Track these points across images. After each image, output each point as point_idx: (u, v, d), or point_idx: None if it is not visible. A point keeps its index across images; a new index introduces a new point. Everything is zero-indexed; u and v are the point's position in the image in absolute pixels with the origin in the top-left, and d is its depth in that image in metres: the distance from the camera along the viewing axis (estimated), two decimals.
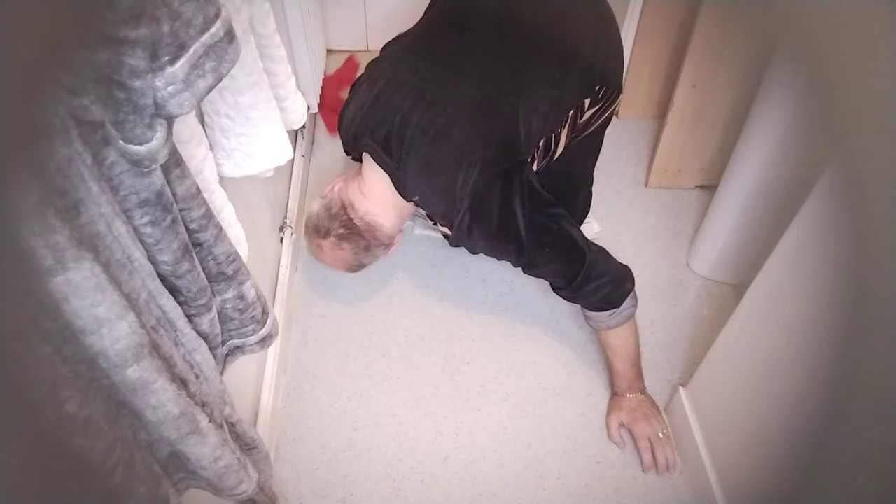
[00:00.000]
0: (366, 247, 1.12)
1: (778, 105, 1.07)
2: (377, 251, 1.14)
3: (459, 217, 1.02)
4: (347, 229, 1.09)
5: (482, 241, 1.05)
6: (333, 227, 1.09)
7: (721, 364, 1.03)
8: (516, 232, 1.02)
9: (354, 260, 1.14)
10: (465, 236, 1.04)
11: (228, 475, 0.64)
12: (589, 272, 1.06)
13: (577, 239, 1.05)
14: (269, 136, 0.83)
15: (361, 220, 1.09)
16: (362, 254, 1.13)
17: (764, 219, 1.20)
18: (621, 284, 1.10)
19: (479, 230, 1.03)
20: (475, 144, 1.00)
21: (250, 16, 0.78)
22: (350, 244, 1.11)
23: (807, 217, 0.78)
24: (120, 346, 0.46)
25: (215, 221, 0.62)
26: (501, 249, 1.06)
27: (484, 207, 1.01)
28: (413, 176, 1.02)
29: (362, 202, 1.09)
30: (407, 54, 1.07)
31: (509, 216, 1.01)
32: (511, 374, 1.27)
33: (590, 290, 1.08)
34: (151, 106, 0.45)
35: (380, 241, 1.12)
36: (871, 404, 0.54)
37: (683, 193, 1.54)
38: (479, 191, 1.00)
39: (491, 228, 1.02)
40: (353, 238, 1.10)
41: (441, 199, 1.03)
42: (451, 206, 1.02)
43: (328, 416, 1.21)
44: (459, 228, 1.03)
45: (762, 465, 0.90)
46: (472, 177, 0.99)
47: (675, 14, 1.41)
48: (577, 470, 1.15)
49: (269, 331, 0.76)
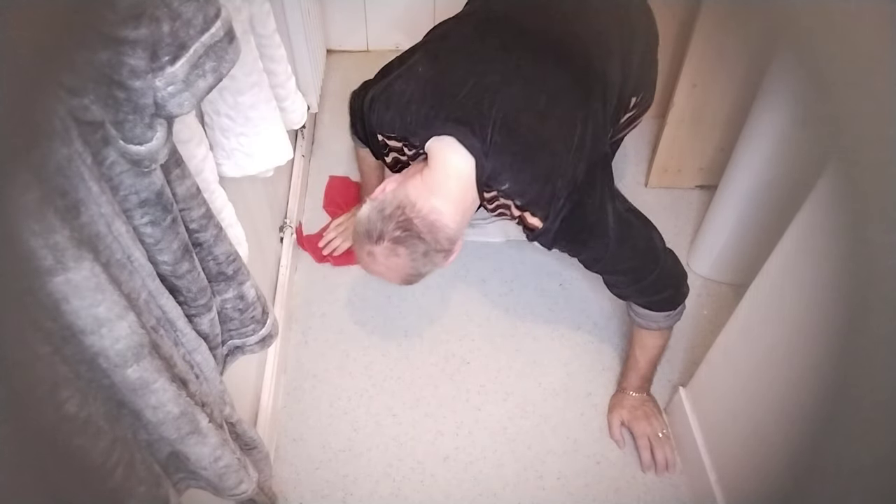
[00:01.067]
0: (425, 252, 0.94)
1: (778, 105, 1.07)
2: (437, 258, 0.96)
3: (558, 208, 0.94)
4: (405, 231, 0.92)
5: (573, 235, 0.98)
6: (388, 230, 0.92)
7: (721, 364, 1.03)
8: (605, 226, 0.97)
9: (412, 268, 0.96)
10: (557, 229, 0.96)
11: (228, 475, 0.64)
12: (662, 272, 1.04)
13: (655, 238, 1.04)
14: (269, 136, 0.83)
15: (424, 219, 0.92)
16: (420, 261, 0.95)
17: (764, 219, 1.20)
18: (682, 286, 1.08)
19: (574, 223, 0.96)
20: (575, 128, 0.94)
21: (250, 16, 0.78)
22: (407, 249, 0.93)
23: (807, 217, 0.78)
24: (120, 346, 0.46)
25: (215, 221, 0.62)
26: (588, 244, 1.00)
27: (582, 199, 0.94)
28: (508, 161, 0.93)
29: (427, 199, 0.93)
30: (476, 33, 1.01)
31: (602, 210, 0.96)
32: (511, 374, 1.27)
33: (655, 289, 1.05)
34: (151, 106, 0.45)
35: (441, 246, 0.95)
36: (871, 404, 0.54)
37: (683, 193, 1.54)
38: (579, 180, 0.93)
39: (586, 221, 0.96)
40: (411, 242, 0.93)
41: (540, 187, 0.93)
42: (551, 195, 0.93)
43: (328, 416, 1.21)
44: (555, 220, 0.94)
45: (762, 465, 0.90)
46: (573, 163, 0.93)
47: (675, 14, 1.40)
48: (577, 470, 1.15)
49: (269, 331, 0.76)
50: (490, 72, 0.95)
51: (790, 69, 1.02)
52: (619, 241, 0.98)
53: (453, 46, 1.01)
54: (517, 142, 0.92)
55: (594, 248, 0.99)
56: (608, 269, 1.05)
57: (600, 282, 1.39)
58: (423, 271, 0.99)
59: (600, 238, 0.98)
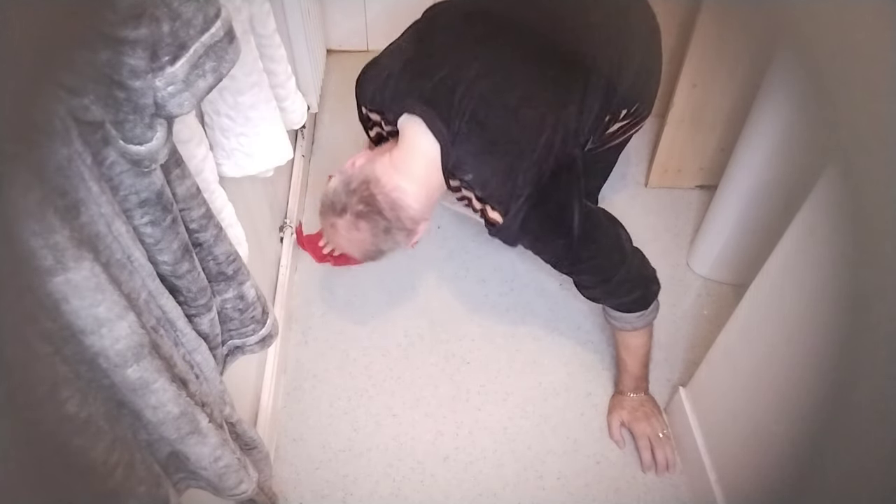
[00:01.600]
0: (386, 228, 0.96)
1: (778, 105, 1.07)
2: (398, 236, 0.98)
3: (518, 205, 0.94)
4: (367, 206, 0.94)
5: (533, 233, 0.98)
6: (351, 204, 0.94)
7: (721, 364, 1.03)
8: (570, 226, 0.96)
9: (372, 244, 0.98)
10: (518, 227, 0.96)
11: (228, 475, 0.64)
12: (630, 272, 1.04)
13: (622, 237, 1.04)
14: (269, 136, 0.83)
15: (386, 196, 0.94)
16: (381, 237, 0.97)
17: (764, 219, 1.20)
18: (652, 285, 1.08)
19: (536, 222, 0.96)
20: (545, 128, 0.94)
21: (250, 16, 0.78)
22: (368, 224, 0.95)
23: (807, 217, 0.78)
24: (120, 346, 0.46)
25: (215, 221, 0.62)
26: (549, 243, 1.00)
27: (545, 198, 0.95)
28: (472, 152, 0.94)
29: (392, 177, 0.94)
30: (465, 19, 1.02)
31: (568, 209, 0.96)
32: (511, 374, 1.27)
33: (624, 290, 1.05)
34: (151, 106, 0.45)
35: (403, 225, 0.97)
36: (870, 404, 0.54)
37: (683, 193, 1.54)
38: (544, 179, 0.94)
39: (548, 220, 0.97)
40: (373, 217, 0.95)
41: (501, 182, 0.94)
42: (511, 191, 0.94)
43: (328, 416, 1.21)
44: (515, 217, 0.95)
45: (762, 465, 0.90)
46: (538, 163, 0.93)
47: (675, 14, 1.40)
48: (577, 470, 1.15)
49: (269, 331, 0.76)
50: (469, 60, 0.95)
51: (790, 69, 1.02)
52: (584, 239, 0.98)
53: (439, 29, 1.02)
54: (482, 135, 0.93)
55: (556, 247, 1.00)
56: (574, 270, 1.05)
57: None
58: (384, 248, 1.00)
59: (563, 238, 0.98)
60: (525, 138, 0.94)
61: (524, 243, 1.01)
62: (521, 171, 0.93)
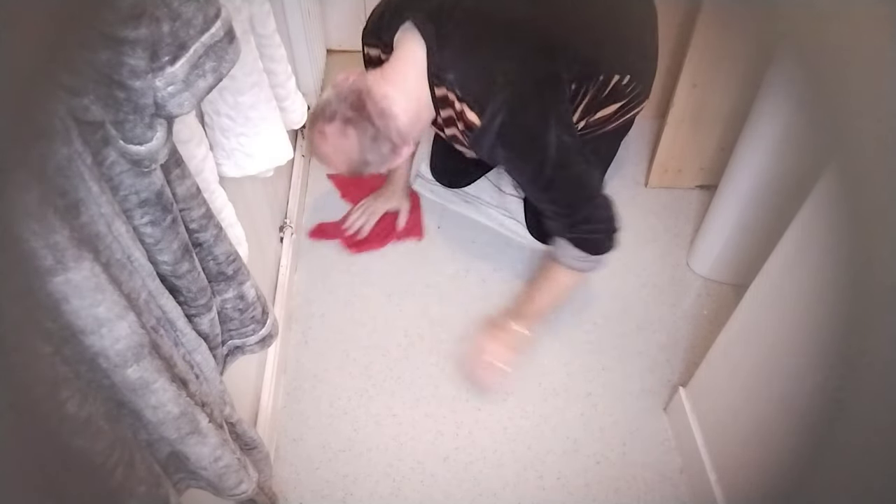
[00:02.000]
0: (373, 136, 1.00)
1: (778, 105, 1.07)
2: (384, 148, 1.02)
3: (496, 105, 0.96)
4: (356, 111, 0.98)
5: (509, 144, 1.00)
6: (341, 110, 0.98)
7: (721, 364, 1.03)
8: (545, 144, 0.98)
9: (358, 152, 1.01)
10: (495, 133, 0.98)
11: (228, 475, 0.64)
12: (595, 211, 1.05)
13: (595, 178, 1.06)
14: (269, 136, 0.83)
15: (375, 105, 0.99)
16: (368, 145, 1.00)
17: (764, 219, 1.20)
18: (614, 235, 1.09)
19: (513, 131, 0.98)
20: (525, 33, 0.98)
21: (250, 16, 0.78)
22: (356, 130, 0.99)
23: (807, 217, 0.78)
24: (120, 346, 0.46)
25: (215, 221, 0.62)
26: (524, 159, 1.01)
27: (523, 106, 0.97)
28: (454, 52, 0.98)
29: (382, 86, 1.00)
30: None
31: (544, 126, 0.97)
32: (511, 374, 1.27)
33: (585, 230, 1.07)
34: (151, 106, 0.45)
35: (389, 135, 1.01)
36: (871, 404, 0.54)
37: (683, 193, 1.54)
38: (523, 84, 0.96)
39: (524, 132, 0.98)
40: (361, 124, 0.99)
41: (479, 77, 0.98)
42: (487, 88, 0.97)
43: (328, 416, 1.21)
44: (492, 120, 0.97)
45: (762, 465, 0.90)
46: (514, 63, 0.96)
47: (675, 14, 1.40)
48: (577, 470, 1.15)
49: (269, 331, 0.76)
50: None
51: (790, 69, 1.02)
52: (558, 164, 1.00)
53: None
54: (466, 33, 0.98)
55: (531, 166, 1.01)
56: (544, 197, 1.06)
57: (600, 282, 1.39)
58: (369, 158, 1.03)
59: (538, 154, 0.99)
60: (508, 38, 0.98)
61: (500, 157, 1.03)
62: (500, 71, 0.96)
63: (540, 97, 0.98)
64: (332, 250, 1.45)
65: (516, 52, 0.97)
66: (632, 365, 1.27)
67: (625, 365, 1.28)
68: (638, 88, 1.12)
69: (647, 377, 1.26)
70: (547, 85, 0.99)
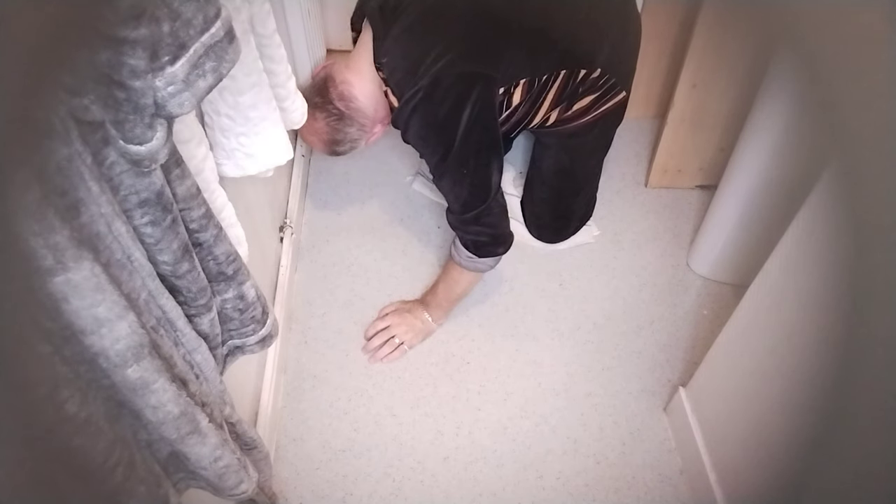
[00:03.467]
0: (338, 117, 1.15)
1: (778, 105, 1.07)
2: (350, 128, 1.17)
3: (412, 91, 1.02)
4: (322, 97, 1.14)
5: (418, 127, 1.07)
6: (311, 97, 1.12)
7: (721, 364, 1.03)
8: (452, 135, 1.03)
9: (328, 133, 1.18)
10: (408, 114, 1.05)
11: (228, 475, 0.64)
12: (482, 215, 1.10)
13: (493, 182, 1.09)
14: (269, 136, 0.82)
15: (336, 89, 1.13)
16: (335, 126, 1.16)
17: (764, 219, 1.20)
18: (497, 244, 1.16)
19: (423, 115, 1.04)
20: (460, 32, 1.03)
21: (250, 16, 0.77)
22: (322, 114, 1.15)
23: (807, 217, 0.78)
24: (120, 346, 0.46)
25: (215, 221, 0.62)
26: (430, 144, 1.08)
27: (438, 95, 1.02)
28: (392, 38, 1.05)
29: (342, 72, 1.14)
30: None
31: (454, 117, 1.02)
32: (511, 374, 1.27)
33: (473, 230, 1.13)
34: (151, 106, 0.44)
35: (353, 117, 1.16)
36: (870, 404, 0.54)
37: (683, 193, 1.54)
38: (442, 78, 1.01)
39: (434, 119, 1.04)
40: (326, 107, 1.14)
41: (405, 66, 1.05)
42: (410, 77, 1.03)
43: (328, 416, 1.21)
44: (407, 103, 1.04)
45: (762, 465, 0.90)
46: (442, 59, 1.00)
47: (675, 14, 1.40)
48: (577, 470, 1.15)
49: (269, 331, 0.76)
50: None
51: (790, 69, 1.02)
52: (459, 157, 1.06)
53: None
54: (406, 21, 1.04)
55: (433, 150, 1.08)
56: (441, 184, 1.13)
57: (600, 282, 1.39)
58: (338, 138, 1.19)
59: (444, 145, 1.05)
60: (443, 32, 1.03)
61: (412, 138, 1.10)
62: (426, 62, 1.01)
63: (456, 93, 1.02)
64: (332, 250, 1.45)
65: (447, 47, 1.01)
66: (632, 365, 1.27)
67: (625, 365, 1.28)
68: (611, 80, 1.13)
69: (647, 377, 1.26)
70: (469, 83, 1.02)
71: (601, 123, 1.20)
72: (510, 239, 1.17)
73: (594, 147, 1.28)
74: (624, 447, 1.18)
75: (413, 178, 1.55)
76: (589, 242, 1.45)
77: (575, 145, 1.25)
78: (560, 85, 1.10)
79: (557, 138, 1.25)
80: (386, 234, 1.48)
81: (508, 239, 1.17)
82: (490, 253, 1.17)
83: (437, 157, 1.07)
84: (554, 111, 1.15)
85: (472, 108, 1.02)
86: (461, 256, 1.18)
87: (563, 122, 1.18)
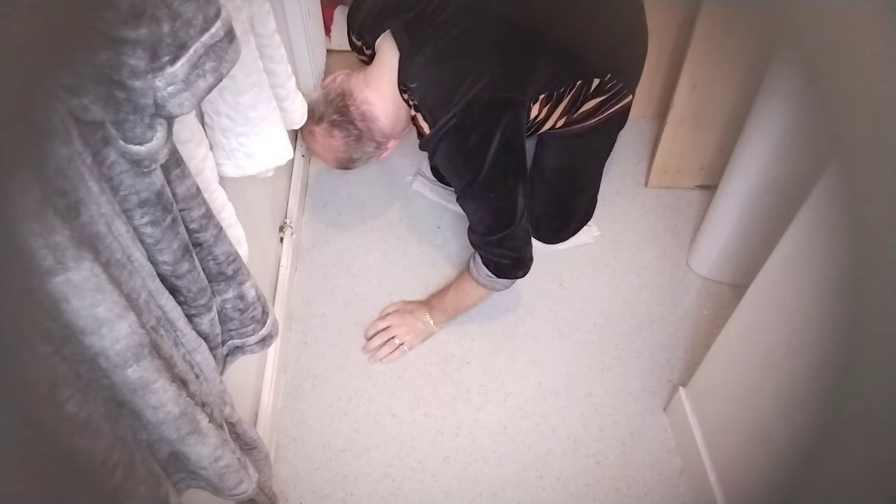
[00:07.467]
0: (357, 137, 1.12)
1: (778, 105, 1.07)
2: (368, 147, 1.15)
3: (446, 119, 1.01)
4: (341, 115, 1.10)
5: (447, 152, 1.06)
6: (328, 113, 1.10)
7: (721, 364, 1.03)
8: (481, 161, 1.02)
9: (344, 151, 1.15)
10: (440, 140, 1.04)
11: (228, 475, 0.64)
12: (505, 239, 1.10)
13: (519, 207, 1.08)
14: (269, 136, 0.82)
15: (357, 108, 1.10)
16: (353, 145, 1.14)
17: (764, 219, 1.20)
18: (518, 268, 1.16)
19: (454, 140, 1.03)
20: (493, 57, 1.01)
21: (250, 16, 0.77)
22: (341, 132, 1.12)
23: (807, 217, 0.78)
24: (120, 346, 0.46)
25: (215, 221, 0.62)
26: (458, 169, 1.07)
27: (469, 121, 1.01)
28: (422, 62, 1.02)
29: (363, 91, 1.10)
30: None
31: (485, 144, 1.01)
32: (511, 374, 1.27)
33: (496, 252, 1.13)
34: (151, 106, 0.44)
35: (372, 136, 1.13)
36: (871, 404, 0.54)
37: (683, 193, 1.54)
38: (475, 104, 1.00)
39: (464, 145, 1.03)
40: (346, 126, 1.11)
41: (438, 93, 1.02)
42: (444, 105, 1.01)
43: (328, 416, 1.21)
44: (439, 131, 1.02)
45: (762, 465, 0.90)
46: (477, 86, 0.98)
47: (675, 14, 1.40)
48: (577, 470, 1.15)
49: (269, 331, 0.76)
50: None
51: (790, 69, 1.02)
52: (486, 183, 1.05)
53: None
54: (437, 47, 1.01)
55: (461, 175, 1.07)
56: (466, 206, 1.11)
57: (600, 282, 1.39)
58: (355, 157, 1.16)
59: (470, 169, 1.04)
60: (475, 57, 1.01)
61: (441, 161, 1.09)
62: (460, 90, 0.99)
63: (487, 119, 1.01)
64: (332, 250, 1.46)
65: (481, 72, 0.99)
66: (632, 365, 1.28)
67: (625, 365, 1.28)
68: (619, 84, 1.13)
69: (647, 377, 1.26)
70: (501, 108, 1.01)
71: (606, 126, 1.20)
72: (531, 263, 1.16)
73: (597, 149, 1.28)
74: (624, 447, 1.18)
75: (413, 178, 1.55)
76: (589, 243, 1.45)
77: (578, 146, 1.25)
78: (574, 94, 1.10)
79: (561, 139, 1.25)
80: (386, 234, 1.48)
81: (529, 263, 1.16)
82: (510, 275, 1.16)
83: (465, 182, 1.06)
84: (563, 117, 1.15)
85: (502, 134, 1.01)
86: (480, 274, 1.17)
87: (569, 125, 1.17)
